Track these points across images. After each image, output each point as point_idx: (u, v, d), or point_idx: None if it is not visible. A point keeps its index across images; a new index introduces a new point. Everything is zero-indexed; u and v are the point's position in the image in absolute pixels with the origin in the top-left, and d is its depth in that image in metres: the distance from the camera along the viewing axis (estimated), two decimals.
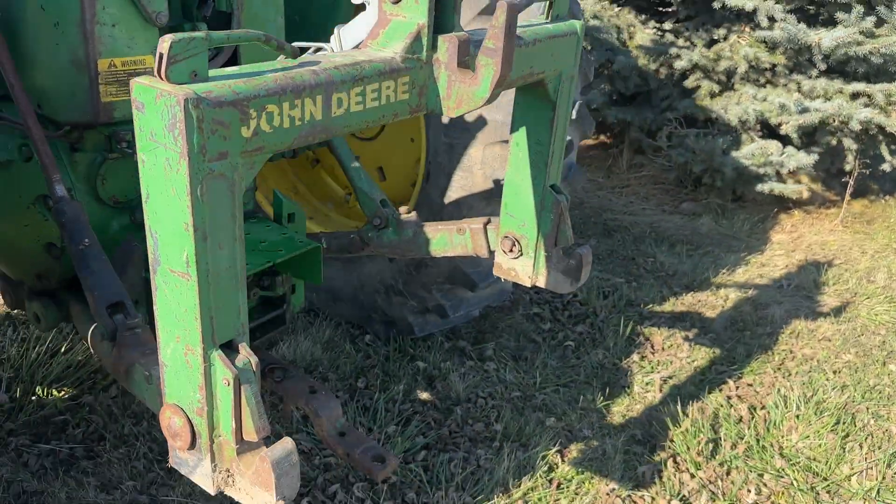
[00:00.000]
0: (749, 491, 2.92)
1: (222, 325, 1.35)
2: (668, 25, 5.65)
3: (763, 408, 3.40)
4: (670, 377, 3.55)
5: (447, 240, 2.53)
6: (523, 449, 2.99)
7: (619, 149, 6.22)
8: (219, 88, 1.20)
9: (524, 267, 2.26)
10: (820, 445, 3.16)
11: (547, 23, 1.89)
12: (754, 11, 5.01)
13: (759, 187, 5.33)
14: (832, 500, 2.91)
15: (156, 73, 1.17)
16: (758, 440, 3.19)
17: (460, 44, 1.51)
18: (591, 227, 5.19)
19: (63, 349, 3.24)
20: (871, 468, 3.04)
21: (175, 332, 1.34)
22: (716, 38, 5.31)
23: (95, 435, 2.90)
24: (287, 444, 1.42)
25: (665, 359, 3.71)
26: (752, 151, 5.20)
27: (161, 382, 1.43)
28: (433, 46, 1.53)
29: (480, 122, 2.81)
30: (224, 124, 1.21)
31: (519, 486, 2.80)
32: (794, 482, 2.96)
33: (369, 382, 3.27)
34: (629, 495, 2.85)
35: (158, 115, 1.17)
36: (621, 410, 3.32)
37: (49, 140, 2.16)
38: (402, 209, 3.26)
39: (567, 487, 2.84)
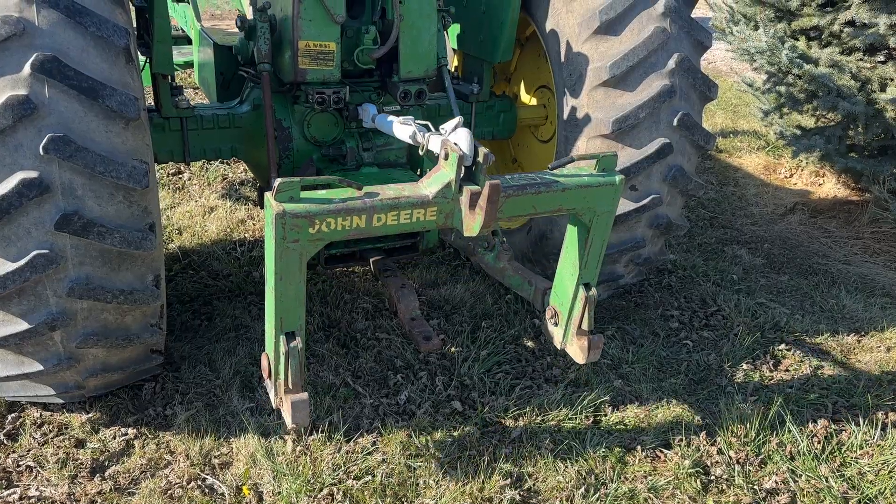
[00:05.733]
0: (773, 480, 3.11)
1: (287, 323, 2.47)
2: None
3: (847, 433, 3.43)
4: (768, 390, 3.73)
5: (520, 283, 3.40)
6: (581, 391, 3.54)
7: (864, 200, 5.99)
8: (298, 208, 2.25)
9: (558, 334, 3.13)
10: (885, 473, 3.15)
11: (587, 174, 2.71)
12: None
13: None
14: None
15: (272, 195, 2.26)
16: (822, 451, 3.29)
17: (472, 195, 2.44)
18: (792, 265, 5.23)
19: None
20: None
21: (268, 320, 2.49)
22: None
23: None
24: (304, 395, 2.55)
25: (778, 377, 3.86)
26: None
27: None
28: (460, 191, 2.47)
29: (585, 119, 3.49)
30: (298, 226, 2.26)
31: (560, 410, 3.39)
32: (827, 487, 3.06)
33: (491, 324, 4.07)
34: (654, 450, 3.25)
35: (269, 215, 2.26)
36: (699, 399, 3.64)
37: (279, 93, 3.48)
38: None
39: (601, 424, 3.35)
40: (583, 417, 3.39)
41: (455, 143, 2.46)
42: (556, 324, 3.12)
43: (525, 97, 4.60)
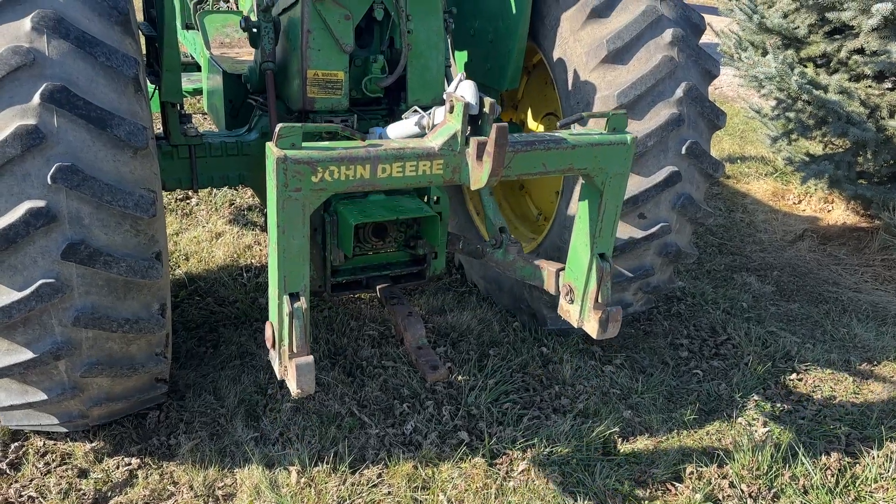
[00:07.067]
0: None
1: (291, 283, 2.28)
2: None
3: (861, 466, 3.36)
4: (780, 422, 3.67)
5: (532, 272, 3.29)
6: (590, 422, 3.49)
7: (874, 227, 5.95)
8: (300, 154, 2.14)
9: (574, 311, 2.97)
10: None
11: (597, 133, 2.62)
12: None
13: None
14: None
15: (273, 141, 2.16)
16: (835, 484, 3.23)
17: (478, 145, 2.31)
18: (803, 293, 5.18)
19: None
20: None
21: (272, 282, 2.34)
22: None
23: None
24: (309, 358, 2.33)
25: (790, 408, 3.80)
26: None
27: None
28: (466, 143, 2.37)
29: None
30: (300, 173, 2.14)
31: (569, 442, 3.34)
32: None
33: (498, 352, 4.04)
34: (664, 483, 3.19)
35: (270, 163, 2.17)
36: (710, 430, 3.58)
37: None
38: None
39: (610, 456, 3.30)
40: (592, 450, 3.34)
41: (461, 96, 2.37)
42: (571, 301, 2.95)
43: (532, 124, 4.60)
